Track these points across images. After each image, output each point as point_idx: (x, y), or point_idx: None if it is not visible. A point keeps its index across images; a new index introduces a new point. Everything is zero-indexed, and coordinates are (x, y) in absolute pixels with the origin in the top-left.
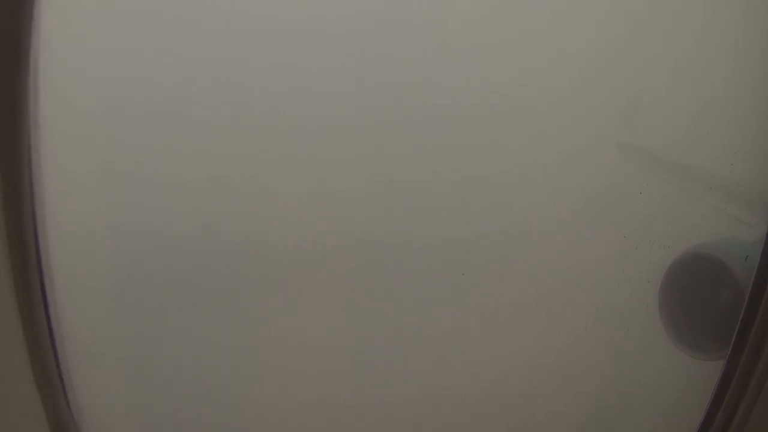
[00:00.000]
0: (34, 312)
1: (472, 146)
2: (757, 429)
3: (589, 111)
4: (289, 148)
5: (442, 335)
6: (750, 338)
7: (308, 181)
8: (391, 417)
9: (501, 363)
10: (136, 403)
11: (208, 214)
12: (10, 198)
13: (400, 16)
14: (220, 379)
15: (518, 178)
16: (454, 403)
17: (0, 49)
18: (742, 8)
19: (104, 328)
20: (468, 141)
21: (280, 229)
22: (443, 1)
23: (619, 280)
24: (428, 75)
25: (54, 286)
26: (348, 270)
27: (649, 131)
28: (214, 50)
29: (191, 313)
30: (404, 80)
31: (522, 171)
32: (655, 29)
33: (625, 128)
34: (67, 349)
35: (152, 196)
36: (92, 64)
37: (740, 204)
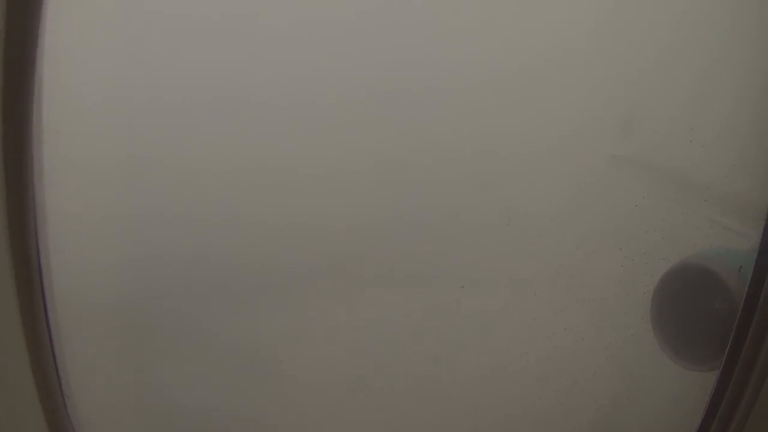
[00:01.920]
0: (35, 318)
1: (467, 154)
2: None
3: (583, 123)
4: (298, 139)
5: (439, 338)
6: (744, 349)
7: (316, 170)
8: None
9: (496, 373)
10: (136, 409)
11: (213, 213)
12: (12, 203)
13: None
14: (224, 383)
15: (513, 190)
16: (447, 407)
17: (7, 51)
18: (739, 21)
19: (105, 335)
20: (464, 149)
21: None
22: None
23: (614, 293)
24: (425, 86)
25: (53, 292)
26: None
27: (644, 143)
28: (216, 45)
29: (197, 317)
30: (405, 95)
31: (516, 182)
32: (650, 40)
33: (619, 140)
34: (67, 355)
35: (157, 196)
36: (97, 62)
37: (734, 215)
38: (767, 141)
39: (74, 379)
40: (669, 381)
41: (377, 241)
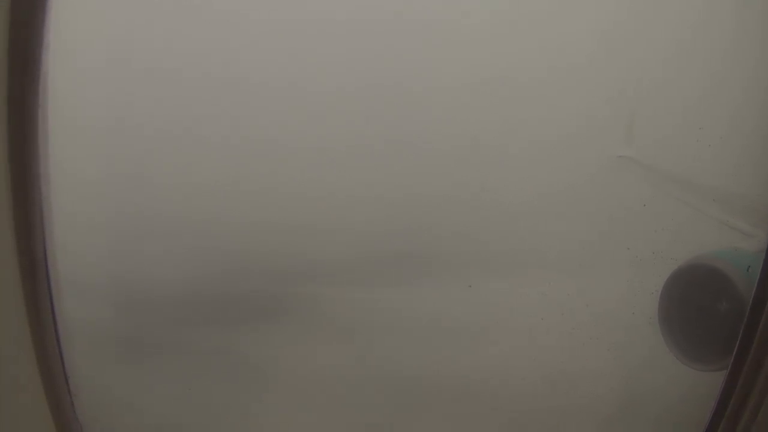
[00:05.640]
0: (43, 319)
1: (478, 158)
2: None
3: (591, 123)
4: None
5: (446, 338)
6: (752, 348)
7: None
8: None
9: (503, 372)
10: (141, 409)
11: (205, 217)
12: (19, 205)
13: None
14: (225, 382)
15: (520, 190)
16: (454, 406)
17: (12, 58)
18: (744, 24)
19: (111, 335)
20: (474, 152)
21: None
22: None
23: (622, 292)
24: (431, 90)
25: (61, 293)
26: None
27: (652, 144)
28: (214, 40)
29: (201, 319)
30: (406, 111)
31: (524, 182)
32: (658, 42)
33: (627, 141)
34: (74, 354)
35: (157, 198)
36: (98, 66)
37: (742, 215)
38: None
39: (81, 379)
40: (677, 381)
41: (384, 243)
